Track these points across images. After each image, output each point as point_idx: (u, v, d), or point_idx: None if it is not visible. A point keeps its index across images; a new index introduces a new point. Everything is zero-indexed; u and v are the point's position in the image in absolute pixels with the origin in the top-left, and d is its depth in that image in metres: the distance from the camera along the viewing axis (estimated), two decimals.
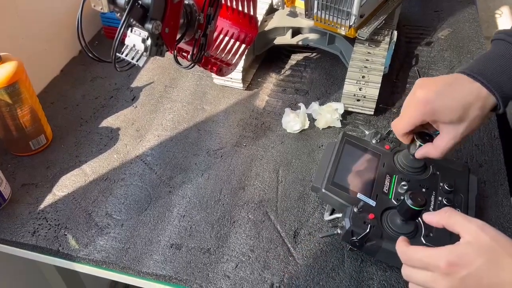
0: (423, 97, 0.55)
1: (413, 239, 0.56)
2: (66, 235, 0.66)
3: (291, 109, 0.83)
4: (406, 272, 0.48)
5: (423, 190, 0.62)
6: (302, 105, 0.82)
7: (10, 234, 0.66)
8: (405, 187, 0.61)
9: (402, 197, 0.60)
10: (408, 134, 0.60)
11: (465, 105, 0.54)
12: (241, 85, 0.88)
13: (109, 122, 0.84)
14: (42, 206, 0.69)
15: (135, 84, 0.92)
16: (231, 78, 0.87)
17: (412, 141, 0.61)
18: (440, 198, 0.61)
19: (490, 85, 0.53)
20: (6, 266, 0.88)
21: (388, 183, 0.63)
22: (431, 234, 0.57)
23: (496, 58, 0.55)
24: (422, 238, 0.56)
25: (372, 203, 0.60)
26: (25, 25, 0.85)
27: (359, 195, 0.61)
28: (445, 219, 0.47)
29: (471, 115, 0.54)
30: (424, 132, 0.62)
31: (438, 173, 0.64)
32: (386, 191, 0.62)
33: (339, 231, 0.59)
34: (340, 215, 0.63)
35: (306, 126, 0.81)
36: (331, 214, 0.66)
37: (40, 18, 0.89)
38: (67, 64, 0.98)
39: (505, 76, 0.53)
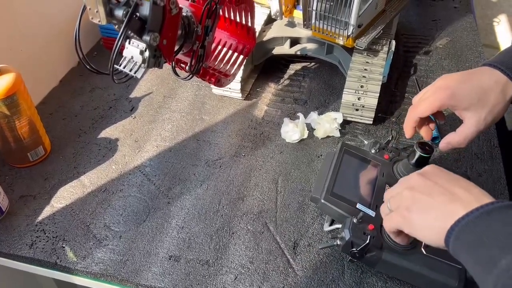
0: (443, 83, 0.57)
1: (413, 249, 0.56)
2: (64, 247, 0.65)
3: (290, 118, 0.83)
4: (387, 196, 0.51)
5: None
6: (301, 115, 0.82)
7: (7, 246, 0.65)
8: None
9: None
10: (416, 124, 0.61)
11: (485, 88, 0.55)
12: (240, 95, 0.88)
13: (107, 132, 0.84)
14: (40, 218, 0.69)
15: (134, 94, 0.92)
16: (229, 88, 0.87)
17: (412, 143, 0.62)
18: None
19: (509, 71, 0.54)
20: (4, 279, 0.87)
21: None
22: None
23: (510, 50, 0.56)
24: (422, 249, 0.56)
25: (372, 213, 0.59)
26: (24, 36, 0.86)
27: (359, 206, 0.60)
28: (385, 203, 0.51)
29: (492, 100, 0.55)
30: (424, 142, 0.62)
31: None
32: None
33: (338, 242, 0.58)
34: (339, 225, 0.63)
35: (305, 136, 0.81)
36: (330, 224, 0.66)
37: (38, 29, 0.90)
38: (66, 74, 0.98)
39: None
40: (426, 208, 0.45)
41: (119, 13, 0.47)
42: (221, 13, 0.66)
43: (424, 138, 0.63)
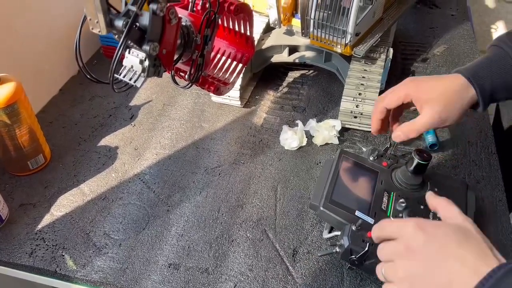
0: (410, 79, 0.63)
1: None
2: (63, 255, 0.65)
3: (289, 126, 0.83)
4: (379, 248, 0.49)
5: (421, 207, 0.62)
6: (299, 122, 0.82)
7: (7, 255, 0.65)
8: (403, 204, 0.61)
9: (400, 215, 0.60)
10: (383, 117, 0.64)
11: (446, 88, 0.59)
12: (239, 102, 0.89)
13: (107, 141, 0.84)
14: (39, 227, 0.69)
15: (133, 102, 0.93)
16: (229, 96, 0.87)
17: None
18: (438, 216, 0.61)
19: (471, 77, 0.59)
20: (3, 287, 0.87)
21: (386, 201, 0.63)
22: None
23: (483, 59, 0.61)
24: None
25: (371, 220, 0.60)
26: (24, 45, 0.86)
27: (358, 213, 0.61)
28: (442, 204, 0.51)
29: (450, 99, 0.59)
30: (422, 150, 0.62)
31: (436, 190, 0.64)
32: (384, 209, 0.61)
33: (338, 250, 0.59)
34: (338, 233, 0.63)
35: (304, 143, 0.81)
36: (329, 232, 0.66)
37: (39, 38, 0.90)
38: (66, 83, 0.99)
39: (486, 72, 0.59)
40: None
41: (119, 23, 0.48)
42: (220, 22, 0.67)
43: (373, 130, 0.66)
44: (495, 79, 0.59)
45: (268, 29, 0.94)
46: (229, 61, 0.72)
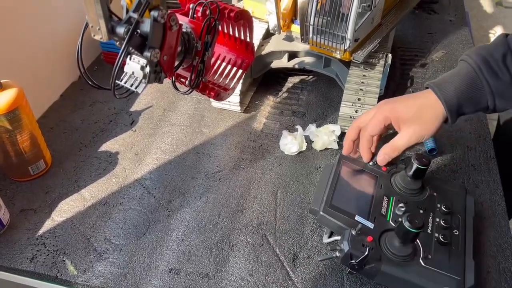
0: (384, 101, 0.66)
1: (412, 261, 0.56)
2: (64, 261, 0.65)
3: (289, 131, 0.83)
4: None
5: (421, 211, 0.62)
6: (299, 127, 0.83)
7: (8, 260, 0.66)
8: (402, 209, 0.62)
9: (400, 219, 0.60)
10: (372, 145, 0.67)
11: (420, 106, 0.63)
12: (239, 108, 0.89)
13: (108, 146, 0.84)
14: (40, 232, 0.69)
15: (134, 108, 0.93)
16: (229, 101, 0.88)
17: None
18: (437, 220, 0.61)
19: (439, 92, 0.62)
20: None
21: (385, 205, 0.63)
22: (430, 256, 0.57)
23: (450, 73, 0.64)
24: (421, 260, 0.56)
25: (370, 225, 0.60)
26: (25, 51, 0.87)
27: (357, 218, 0.61)
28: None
29: (424, 117, 0.62)
30: (421, 154, 0.63)
31: (435, 194, 0.65)
32: (384, 213, 0.62)
33: (338, 254, 0.59)
34: (338, 237, 0.63)
35: (304, 148, 0.81)
36: (329, 236, 0.66)
37: (40, 44, 0.91)
38: (66, 89, 0.99)
39: (451, 86, 0.62)
40: None
41: (120, 30, 0.49)
42: (220, 29, 0.67)
43: (365, 159, 0.68)
44: (460, 93, 0.61)
45: (267, 35, 0.94)
46: (229, 67, 0.72)
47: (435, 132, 0.63)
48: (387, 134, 0.69)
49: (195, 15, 0.61)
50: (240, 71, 0.73)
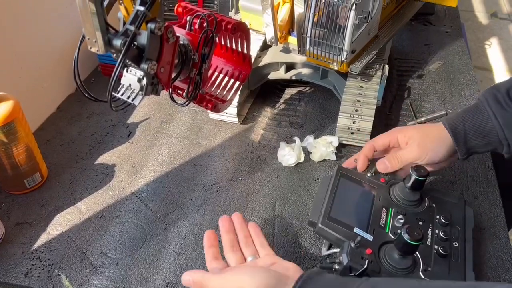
0: (396, 128, 0.70)
1: (412, 273, 0.56)
2: (60, 275, 0.64)
3: (286, 142, 0.83)
4: None
5: (420, 223, 0.62)
6: (297, 139, 0.82)
7: (2, 275, 0.65)
8: (401, 221, 0.61)
9: (399, 231, 0.60)
10: (370, 157, 0.69)
11: (428, 130, 0.67)
12: (236, 119, 0.89)
13: (104, 158, 0.84)
14: (36, 246, 0.69)
15: (131, 120, 0.93)
16: (226, 113, 0.88)
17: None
18: (437, 232, 0.61)
19: (446, 122, 0.65)
20: None
21: (384, 217, 0.62)
22: (429, 269, 0.56)
23: (464, 110, 0.67)
24: (420, 273, 0.56)
25: (369, 237, 0.59)
26: (22, 63, 0.87)
27: (356, 230, 0.60)
28: None
29: (431, 139, 0.66)
30: (419, 166, 0.62)
31: (434, 205, 0.64)
32: (383, 225, 0.61)
33: (337, 267, 0.58)
34: (337, 250, 0.63)
35: (302, 160, 0.81)
36: (328, 249, 0.65)
37: (36, 56, 0.91)
38: (63, 101, 0.99)
39: (459, 118, 0.65)
40: None
41: (117, 42, 0.49)
42: (217, 41, 0.67)
43: (360, 167, 0.69)
44: (465, 120, 0.65)
45: (265, 47, 0.95)
46: (226, 78, 0.72)
47: (445, 159, 0.66)
48: (374, 158, 0.70)
49: (192, 27, 0.61)
50: (238, 82, 0.73)
